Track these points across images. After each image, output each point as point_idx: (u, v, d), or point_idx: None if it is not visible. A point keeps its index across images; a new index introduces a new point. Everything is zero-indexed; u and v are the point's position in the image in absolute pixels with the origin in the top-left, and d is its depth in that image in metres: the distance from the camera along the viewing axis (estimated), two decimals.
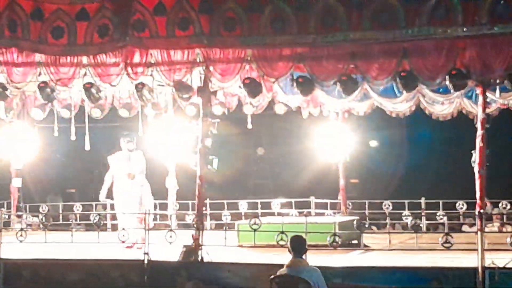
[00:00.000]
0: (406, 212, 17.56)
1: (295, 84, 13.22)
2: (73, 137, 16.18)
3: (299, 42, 12.78)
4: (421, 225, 15.76)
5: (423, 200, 17.84)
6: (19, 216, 16.57)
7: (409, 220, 13.59)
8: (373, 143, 20.76)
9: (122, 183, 15.63)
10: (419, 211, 17.55)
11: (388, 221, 14.35)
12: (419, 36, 12.33)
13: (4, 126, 18.20)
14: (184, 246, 13.08)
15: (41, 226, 13.86)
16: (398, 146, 20.82)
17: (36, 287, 12.92)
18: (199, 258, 12.90)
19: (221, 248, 13.94)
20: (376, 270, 12.02)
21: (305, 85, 13.16)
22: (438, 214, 17.36)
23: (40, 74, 13.80)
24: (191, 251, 12.95)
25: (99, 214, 14.73)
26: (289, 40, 12.79)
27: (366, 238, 14.35)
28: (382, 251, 13.83)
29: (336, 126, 18.62)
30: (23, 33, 13.53)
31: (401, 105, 16.05)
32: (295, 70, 13.18)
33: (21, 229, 13.81)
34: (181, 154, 16.93)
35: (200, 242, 13.00)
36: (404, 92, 13.70)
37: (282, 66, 13.04)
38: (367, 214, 17.68)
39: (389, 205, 17.99)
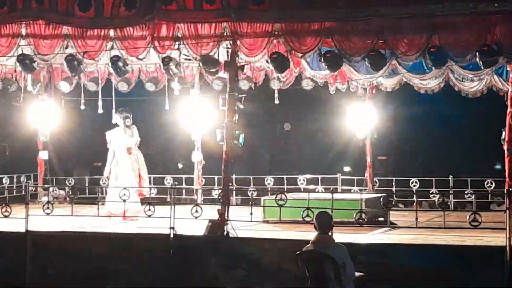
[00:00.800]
0: (434, 190, 17.44)
1: (322, 59, 13.10)
2: (100, 111, 16.19)
3: (327, 16, 12.66)
4: (448, 203, 15.62)
5: (451, 178, 17.71)
6: (45, 189, 16.62)
7: (436, 198, 13.44)
8: (401, 120, 20.57)
9: (121, 158, 15.68)
10: (446, 189, 17.41)
11: (415, 198, 14.22)
12: (449, 12, 12.16)
13: (31, 98, 18.25)
14: (210, 221, 13.08)
15: (68, 199, 13.88)
16: (426, 123, 20.64)
17: (63, 260, 12.99)
18: (225, 233, 12.90)
19: (246, 223, 13.95)
20: (403, 247, 11.96)
21: (333, 60, 13.06)
22: (466, 192, 17.21)
23: (67, 47, 13.81)
24: (217, 226, 12.95)
25: (124, 188, 14.69)
26: (318, 14, 12.70)
27: (393, 216, 14.27)
28: (409, 229, 13.75)
29: (363, 102, 18.48)
30: (50, 5, 13.53)
31: (430, 81, 15.90)
32: (323, 45, 13.06)
33: (48, 202, 13.86)
34: (207, 129, 16.92)
35: (225, 217, 12.99)
36: (433, 68, 13.56)
37: (310, 41, 12.94)
38: (394, 192, 17.58)
39: (416, 183, 17.88)
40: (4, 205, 13.86)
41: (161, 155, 21.07)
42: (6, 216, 13.68)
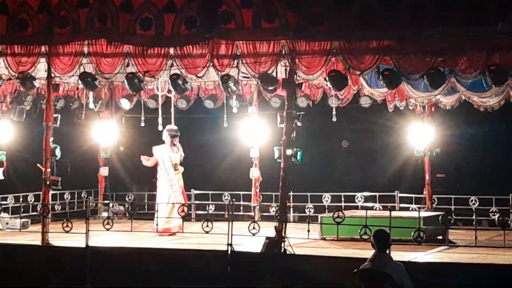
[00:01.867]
0: (494, 208, 17.22)
1: (381, 77, 13.07)
2: (159, 128, 16.38)
3: (386, 35, 12.63)
4: (509, 222, 15.40)
5: (511, 196, 17.46)
6: (106, 205, 16.88)
7: (496, 217, 13.28)
8: (460, 137, 20.38)
9: (169, 175, 15.84)
10: (507, 208, 17.18)
11: (474, 217, 14.07)
12: (511, 32, 12.03)
13: (92, 116, 18.56)
14: (267, 238, 13.11)
15: (127, 214, 14.06)
16: (486, 141, 20.39)
17: (121, 275, 13.11)
18: (282, 250, 12.91)
19: (304, 240, 13.94)
20: (461, 267, 11.81)
21: (391, 78, 13.02)
22: None
23: (128, 65, 14.00)
24: (274, 243, 12.97)
25: (183, 205, 14.83)
26: (377, 34, 12.67)
27: (451, 234, 14.16)
28: (468, 248, 13.61)
29: (422, 120, 18.36)
30: (112, 25, 13.75)
31: (489, 99, 15.72)
32: (381, 63, 13.03)
33: (108, 218, 14.05)
34: (265, 146, 17.00)
35: (283, 234, 12.99)
36: (493, 86, 13.42)
37: (368, 59, 12.92)
38: (453, 210, 17.39)
39: (475, 201, 17.67)
40: (65, 220, 14.10)
41: (219, 172, 21.18)
42: (67, 231, 13.90)
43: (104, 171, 19.45)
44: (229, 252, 12.72)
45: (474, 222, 14.05)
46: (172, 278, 12.84)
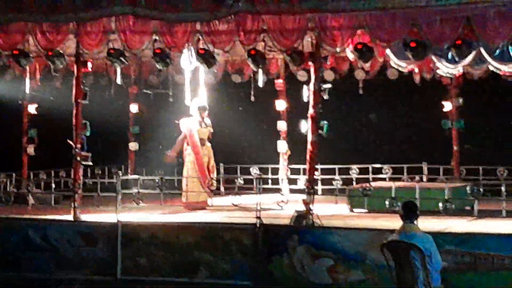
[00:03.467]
0: None
1: (408, 48, 13.03)
2: (188, 102, 16.47)
3: (412, 5, 12.58)
4: None
5: None
6: (136, 180, 17.02)
7: None
8: (489, 108, 20.27)
9: (195, 150, 15.96)
10: None
11: (503, 188, 14.06)
12: None
13: (121, 92, 18.71)
14: (296, 211, 13.20)
15: (157, 189, 14.20)
16: None
17: (152, 249, 13.26)
18: (310, 223, 13.00)
19: (332, 213, 14.03)
20: (491, 237, 11.82)
21: (418, 50, 12.96)
22: None
23: (155, 41, 14.07)
24: (302, 215, 13.07)
25: (212, 179, 14.97)
26: (402, 3, 12.61)
27: (480, 205, 14.15)
28: (496, 218, 13.62)
29: (449, 91, 18.32)
30: (139, 1, 13.81)
31: None
32: (408, 35, 12.98)
33: (138, 192, 14.19)
34: (292, 120, 17.04)
35: (311, 207, 13.08)
36: None
37: (394, 30, 12.86)
38: (481, 181, 17.37)
39: (504, 172, 17.63)
40: (96, 195, 14.27)
41: (247, 145, 21.27)
42: (97, 207, 14.08)
43: (133, 146, 19.64)
44: (257, 225, 12.82)
45: (502, 193, 14.01)
46: (202, 251, 12.98)
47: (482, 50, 13.40)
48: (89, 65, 14.99)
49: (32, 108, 17.62)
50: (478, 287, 11.54)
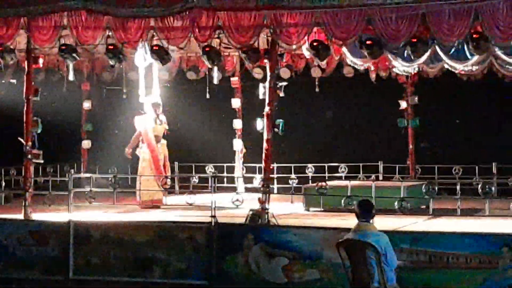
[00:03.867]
0: (477, 177, 17.27)
1: (363, 46, 13.00)
2: (141, 100, 16.27)
3: (367, 3, 12.54)
4: (491, 190, 15.43)
5: (494, 165, 17.51)
6: (88, 178, 16.79)
7: (479, 186, 13.31)
8: (444, 107, 20.40)
9: (150, 146, 15.83)
10: (489, 177, 17.23)
11: (458, 186, 14.11)
12: None
13: (73, 88, 18.43)
14: (251, 209, 13.10)
15: (110, 188, 14.00)
16: (468, 110, 20.40)
17: (105, 248, 13.08)
18: (266, 222, 12.91)
19: (287, 211, 13.96)
20: (446, 235, 11.83)
21: (374, 48, 12.93)
22: (509, 179, 17.03)
23: (109, 37, 13.86)
24: (258, 214, 12.97)
25: (166, 177, 14.81)
26: (358, 1, 12.57)
27: (435, 203, 14.18)
28: (452, 217, 13.65)
29: (405, 90, 18.38)
30: None
31: (472, 68, 15.68)
32: (364, 32, 12.95)
33: (90, 191, 13.99)
34: (248, 117, 16.95)
35: (266, 206, 12.99)
36: (476, 54, 13.38)
37: (350, 28, 12.81)
38: (436, 179, 17.44)
39: (459, 170, 17.72)
40: (47, 194, 14.03)
41: (202, 144, 21.14)
42: (49, 205, 13.84)
43: (86, 144, 19.38)
44: (212, 224, 12.70)
45: (457, 191, 14.06)
46: (156, 250, 12.83)
47: (438, 49, 13.41)
48: (41, 61, 14.75)
49: None
50: (434, 285, 11.54)
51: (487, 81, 17.14)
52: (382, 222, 11.08)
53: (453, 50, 13.48)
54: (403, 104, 18.48)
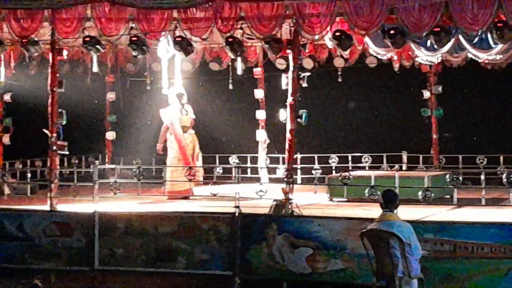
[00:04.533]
0: (501, 166, 17.18)
1: (386, 36, 12.95)
2: (165, 91, 16.32)
3: None
4: None
5: None
6: (113, 169, 16.90)
7: (504, 175, 13.24)
8: (466, 96, 20.30)
9: (178, 137, 15.85)
10: None
11: (482, 176, 14.04)
12: None
13: (98, 80, 18.54)
14: (275, 200, 13.12)
15: (135, 179, 14.07)
16: (493, 98, 20.29)
17: (129, 239, 13.16)
18: (289, 212, 12.92)
19: (311, 202, 13.96)
20: (470, 225, 11.79)
21: (397, 38, 12.87)
22: None
23: (132, 28, 13.90)
24: (282, 205, 12.99)
25: (190, 167, 14.85)
26: None
27: (459, 193, 14.14)
28: (476, 207, 13.59)
29: (428, 79, 18.31)
30: None
31: (496, 56, 15.59)
32: (387, 22, 12.90)
33: (115, 182, 14.07)
34: (271, 108, 16.96)
35: (290, 196, 13.00)
36: (500, 43, 13.30)
37: (373, 18, 12.76)
38: (460, 169, 17.37)
39: (483, 160, 17.63)
40: (72, 185, 14.14)
41: (226, 134, 21.18)
42: (74, 197, 13.94)
43: (111, 135, 19.48)
44: (236, 214, 12.73)
45: (482, 181, 13.99)
46: (180, 241, 12.89)
47: (461, 38, 13.34)
48: (65, 53, 14.80)
49: (7, 97, 17.40)
50: (457, 275, 11.51)
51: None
52: (406, 212, 11.07)
53: (476, 39, 13.40)
54: (427, 94, 18.41)
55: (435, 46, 13.30)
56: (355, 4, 12.76)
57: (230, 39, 13.59)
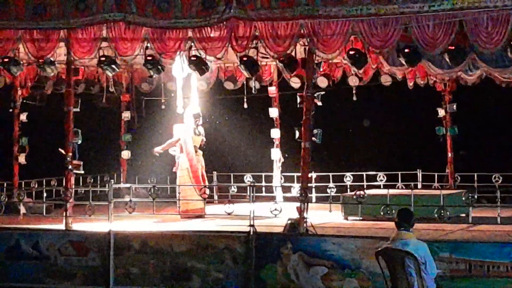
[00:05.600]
0: None
1: (400, 54, 12.96)
2: (179, 110, 16.37)
3: (404, 11, 12.50)
4: None
5: None
6: (128, 188, 16.94)
7: None
8: (482, 114, 20.26)
9: (189, 155, 15.87)
10: None
11: (498, 194, 13.98)
12: None
13: (113, 99, 18.63)
14: (289, 218, 13.11)
15: (150, 198, 14.09)
16: (508, 116, 20.22)
17: (144, 258, 13.18)
18: (304, 231, 12.91)
19: (326, 220, 13.93)
20: (486, 244, 11.74)
21: (411, 56, 12.90)
22: None
23: (147, 48, 13.98)
24: (296, 223, 12.98)
25: (204, 186, 14.87)
26: (395, 9, 12.53)
27: (475, 212, 14.08)
28: (491, 225, 13.52)
29: (443, 97, 18.29)
30: (130, 8, 13.71)
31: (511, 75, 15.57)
32: (401, 40, 12.91)
33: (130, 201, 14.10)
34: (285, 127, 16.98)
35: (304, 215, 12.98)
36: None
37: (387, 36, 12.76)
38: (476, 187, 17.30)
39: (498, 178, 17.56)
40: (88, 204, 14.18)
41: (240, 153, 21.21)
42: (89, 216, 13.98)
43: (125, 154, 19.54)
44: (251, 233, 12.73)
45: (497, 199, 13.93)
46: (194, 259, 12.90)
47: (476, 56, 13.34)
48: (80, 72, 14.89)
49: (23, 116, 17.52)
50: None
51: None
52: (421, 231, 11.03)
53: (491, 57, 13.38)
54: (441, 112, 18.38)
55: (450, 65, 13.29)
56: (369, 23, 12.78)
57: (244, 58, 13.66)
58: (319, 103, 14.80)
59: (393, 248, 9.69)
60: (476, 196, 13.61)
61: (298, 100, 14.53)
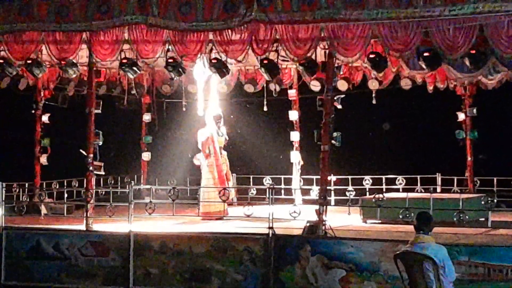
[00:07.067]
0: None
1: (421, 58, 12.97)
2: (200, 112, 16.44)
3: (424, 15, 12.50)
4: None
5: None
6: (148, 189, 17.04)
7: None
8: (503, 118, 20.19)
9: (213, 157, 15.91)
10: None
11: None
12: None
13: (134, 101, 18.73)
14: (308, 221, 13.14)
15: (170, 199, 14.17)
16: None
17: (164, 259, 13.25)
18: (323, 233, 12.94)
19: (344, 223, 13.95)
20: (505, 248, 11.73)
21: (432, 60, 12.90)
22: None
23: (168, 50, 14.06)
24: (315, 226, 13.01)
25: (225, 188, 14.91)
26: (415, 13, 12.53)
27: (494, 216, 14.05)
28: (511, 230, 13.49)
29: (463, 101, 18.25)
30: (152, 10, 13.80)
31: None
32: (422, 44, 12.92)
33: (150, 202, 14.18)
34: (305, 130, 17.01)
35: (323, 217, 13.02)
36: None
37: (407, 40, 12.77)
38: (495, 192, 17.26)
39: None
40: (108, 205, 14.28)
41: (260, 156, 21.26)
42: (110, 216, 14.07)
43: (146, 156, 19.65)
44: (270, 235, 12.78)
45: None
46: (213, 261, 12.96)
47: (496, 60, 13.31)
48: (102, 74, 14.99)
49: (45, 118, 17.68)
50: None
51: None
52: (440, 235, 11.03)
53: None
54: (461, 116, 18.36)
55: (470, 68, 13.27)
56: (389, 26, 12.79)
57: (265, 61, 13.71)
58: (339, 106, 14.84)
59: (412, 251, 9.70)
60: (495, 200, 13.58)
61: (318, 103, 14.58)
